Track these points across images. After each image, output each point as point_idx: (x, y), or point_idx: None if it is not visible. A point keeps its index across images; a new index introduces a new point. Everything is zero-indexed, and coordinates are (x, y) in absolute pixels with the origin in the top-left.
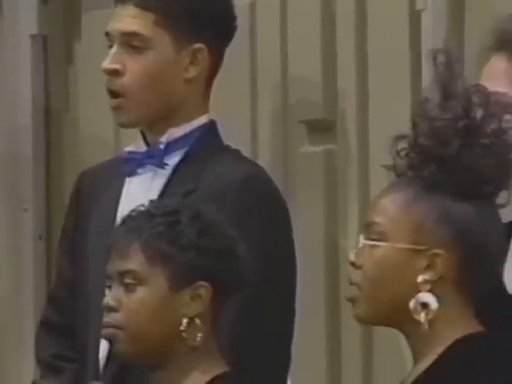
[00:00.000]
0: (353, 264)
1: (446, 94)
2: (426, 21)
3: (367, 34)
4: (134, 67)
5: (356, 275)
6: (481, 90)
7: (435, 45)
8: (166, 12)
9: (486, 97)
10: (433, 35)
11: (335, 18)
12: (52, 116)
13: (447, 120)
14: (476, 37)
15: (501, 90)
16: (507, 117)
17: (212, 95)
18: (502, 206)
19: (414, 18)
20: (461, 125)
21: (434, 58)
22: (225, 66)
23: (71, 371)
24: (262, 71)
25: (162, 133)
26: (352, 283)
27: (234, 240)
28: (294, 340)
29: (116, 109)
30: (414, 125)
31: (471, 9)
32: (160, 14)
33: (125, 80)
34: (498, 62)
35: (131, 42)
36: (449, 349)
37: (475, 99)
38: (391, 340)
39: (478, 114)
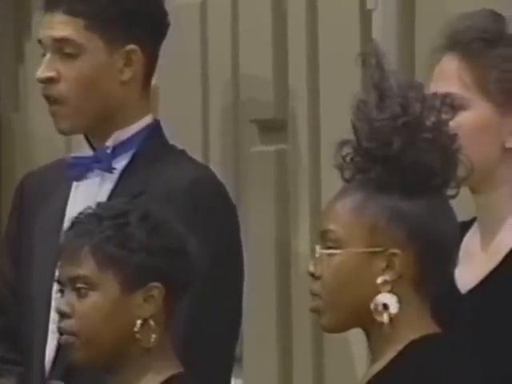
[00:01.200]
0: (312, 275)
1: (381, 94)
2: (377, 20)
3: (318, 33)
4: (68, 73)
5: (316, 286)
6: (415, 86)
7: (386, 44)
8: (95, 16)
9: (422, 91)
10: (383, 34)
11: (286, 17)
12: (2, 115)
13: (386, 120)
14: (427, 35)
15: (452, 90)
16: (445, 108)
17: (163, 94)
18: (453, 196)
19: (365, 17)
20: (400, 123)
21: (363, 61)
22: (176, 65)
23: (17, 374)
24: (213, 70)
25: (106, 136)
26: (314, 294)
27: (184, 238)
28: (247, 339)
29: (54, 115)
30: (355, 129)
31: (421, 8)
32: (90, 19)
33: (61, 87)
34: (449, 62)
35: (64, 49)
36: (404, 349)
37: (411, 95)
38: (342, 340)
39: (417, 109)
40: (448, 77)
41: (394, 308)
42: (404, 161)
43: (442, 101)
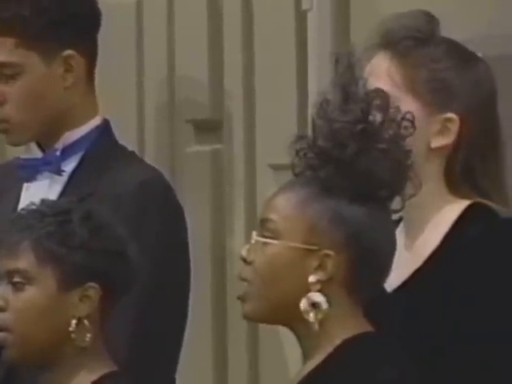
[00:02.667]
0: (244, 260)
1: (347, 96)
2: (312, 21)
3: (254, 34)
4: (12, 94)
5: (246, 271)
6: (381, 95)
7: (321, 45)
8: (24, 33)
9: (386, 102)
10: (319, 35)
11: (222, 17)
12: None
13: (346, 123)
14: (362, 35)
15: (381, 87)
16: (405, 123)
17: (99, 93)
18: (396, 211)
19: (300, 17)
20: (358, 128)
21: (337, 61)
22: (111, 64)
23: None
24: (149, 69)
25: (55, 139)
26: (242, 279)
27: (125, 241)
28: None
29: (5, 132)
30: (314, 126)
31: (356, 8)
32: (19, 37)
33: (8, 108)
34: (380, 60)
35: (2, 71)
36: (336, 349)
37: (375, 103)
38: (277, 339)
39: (378, 118)
40: (378, 74)
41: (321, 308)
42: (356, 167)
43: (403, 115)
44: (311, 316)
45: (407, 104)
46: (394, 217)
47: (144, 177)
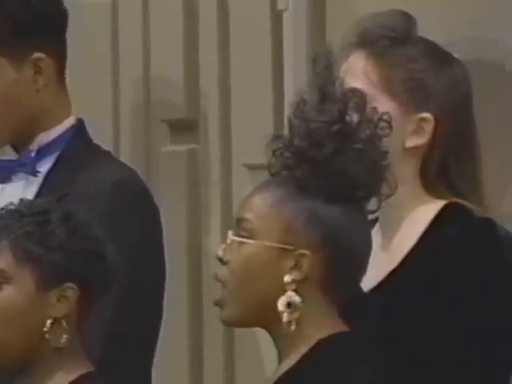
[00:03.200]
0: (220, 260)
1: (324, 96)
2: (288, 21)
3: (229, 34)
4: None
5: (222, 271)
6: (358, 95)
7: (297, 45)
8: None
9: (363, 102)
10: (295, 35)
11: (197, 17)
12: None
13: (323, 123)
14: (338, 36)
15: (357, 85)
16: (382, 124)
17: (74, 93)
18: (372, 211)
19: (276, 17)
20: (335, 128)
21: (315, 60)
22: (87, 64)
23: None
24: (124, 69)
25: (30, 140)
26: (218, 279)
27: (103, 242)
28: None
29: None
30: (290, 125)
31: (332, 8)
32: None
33: None
34: (356, 59)
35: None
36: (312, 349)
37: (352, 103)
38: (253, 339)
39: (355, 118)
40: (355, 73)
41: (297, 308)
42: (332, 167)
43: (380, 116)
44: (285, 316)
45: (383, 103)
46: (371, 217)
47: (119, 176)
